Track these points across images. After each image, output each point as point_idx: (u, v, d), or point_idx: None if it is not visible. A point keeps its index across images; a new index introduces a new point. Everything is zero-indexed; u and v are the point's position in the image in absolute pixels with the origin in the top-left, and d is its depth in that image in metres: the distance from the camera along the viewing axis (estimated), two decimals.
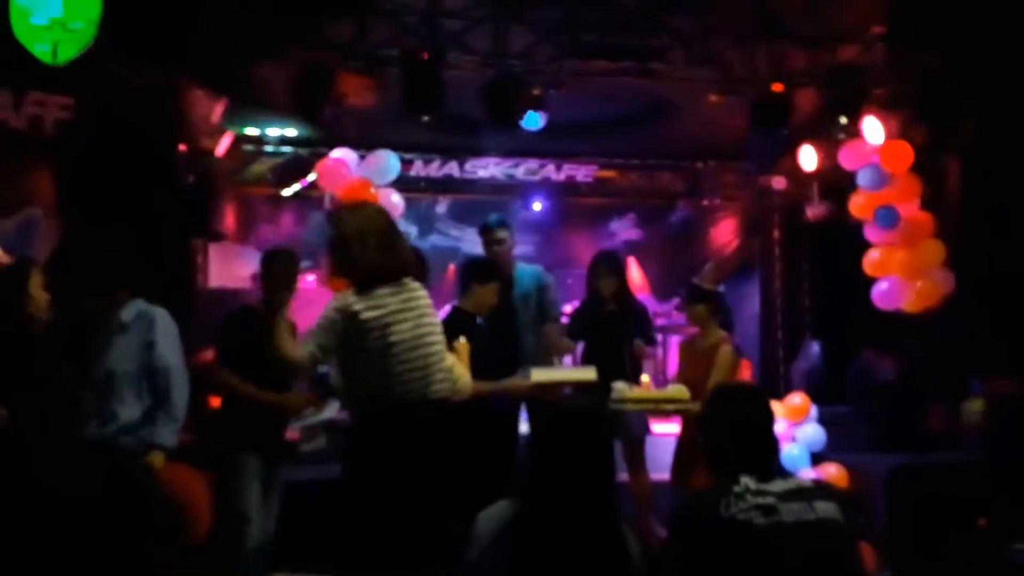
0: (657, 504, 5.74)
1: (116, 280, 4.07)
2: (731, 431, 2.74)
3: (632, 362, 5.74)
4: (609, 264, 5.90)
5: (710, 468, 2.78)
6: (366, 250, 3.57)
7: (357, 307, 3.50)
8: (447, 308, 5.39)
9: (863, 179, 7.21)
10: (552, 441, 2.61)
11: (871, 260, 7.36)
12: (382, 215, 3.81)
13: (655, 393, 5.17)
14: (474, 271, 5.08)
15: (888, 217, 7.16)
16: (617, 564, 2.48)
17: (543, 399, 4.81)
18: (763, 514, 2.55)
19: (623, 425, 5.64)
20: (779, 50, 6.92)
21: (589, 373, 4.95)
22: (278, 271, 4.57)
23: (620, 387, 5.17)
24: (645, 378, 5.32)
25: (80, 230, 4.47)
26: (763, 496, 2.59)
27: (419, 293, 3.67)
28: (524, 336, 5.82)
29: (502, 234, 5.80)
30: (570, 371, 5.20)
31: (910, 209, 7.23)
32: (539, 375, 4.81)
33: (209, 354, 4.95)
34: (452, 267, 9.72)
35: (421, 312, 3.61)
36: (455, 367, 3.86)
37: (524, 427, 5.36)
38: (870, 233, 7.37)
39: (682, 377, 5.37)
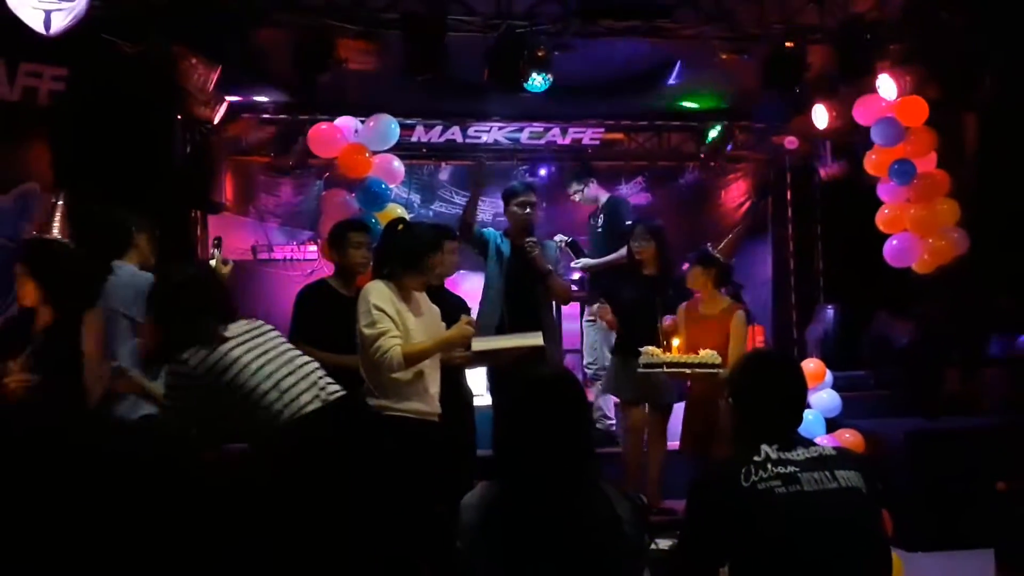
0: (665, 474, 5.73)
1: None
2: (766, 400, 2.70)
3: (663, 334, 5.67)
4: (647, 228, 5.85)
5: (734, 435, 2.72)
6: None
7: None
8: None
9: (877, 134, 7.05)
10: (523, 412, 2.50)
11: (884, 217, 7.22)
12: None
13: (687, 357, 5.19)
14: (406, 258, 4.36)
15: (904, 172, 7.01)
16: (606, 528, 2.41)
17: (508, 371, 4.73)
18: (784, 483, 2.54)
19: (654, 391, 5.58)
20: (791, 5, 6.73)
21: (535, 340, 4.87)
22: None
23: (651, 350, 5.16)
24: (676, 342, 5.27)
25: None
26: (784, 465, 2.58)
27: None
28: (544, 310, 5.82)
29: (531, 198, 5.79)
30: (513, 339, 5.05)
31: (925, 165, 7.09)
32: (480, 344, 4.68)
33: None
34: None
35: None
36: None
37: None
38: (883, 192, 7.22)
39: (687, 342, 5.35)
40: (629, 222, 6.62)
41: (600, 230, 7.10)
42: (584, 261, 6.97)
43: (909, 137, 6.96)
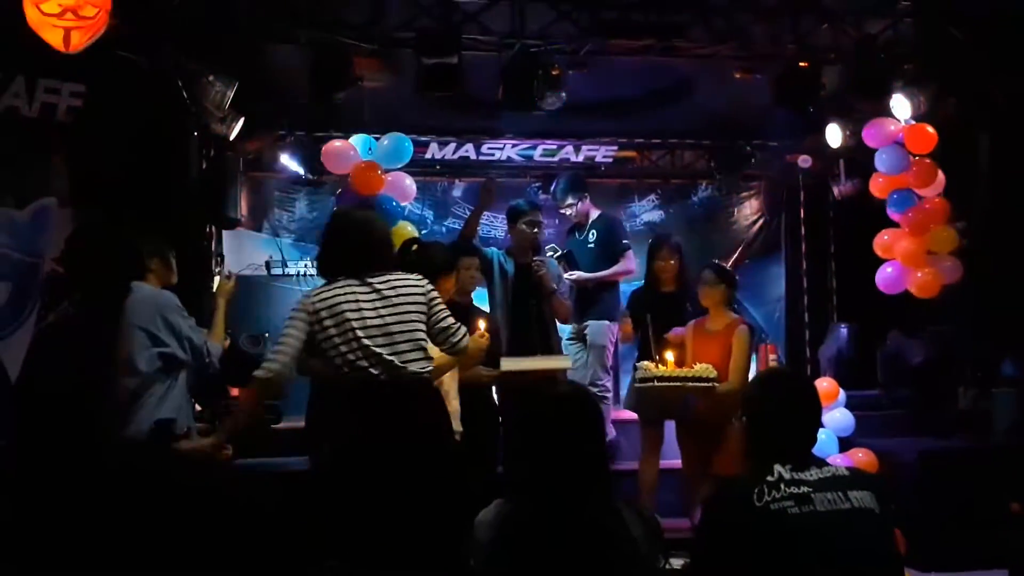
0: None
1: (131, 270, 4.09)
2: (780, 419, 2.69)
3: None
4: (671, 247, 5.86)
5: (747, 453, 2.71)
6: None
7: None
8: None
9: (880, 162, 7.07)
10: (539, 429, 2.50)
11: (881, 243, 7.23)
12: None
13: (682, 371, 5.14)
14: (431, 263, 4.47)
15: (903, 202, 7.03)
16: (621, 547, 2.40)
17: (521, 389, 4.72)
18: (797, 503, 2.52)
19: (673, 407, 5.55)
20: (805, 25, 6.76)
21: (563, 362, 4.85)
22: None
23: (646, 365, 5.14)
24: (670, 356, 5.25)
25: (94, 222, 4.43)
26: (797, 485, 2.56)
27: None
28: (553, 329, 5.84)
29: (537, 217, 5.81)
30: (543, 361, 5.05)
31: (926, 194, 7.09)
32: (509, 364, 4.69)
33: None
34: None
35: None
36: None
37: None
38: (892, 212, 7.24)
39: (692, 358, 5.34)
40: (626, 240, 6.64)
41: (591, 246, 7.04)
42: (578, 274, 6.94)
43: (912, 168, 6.98)
